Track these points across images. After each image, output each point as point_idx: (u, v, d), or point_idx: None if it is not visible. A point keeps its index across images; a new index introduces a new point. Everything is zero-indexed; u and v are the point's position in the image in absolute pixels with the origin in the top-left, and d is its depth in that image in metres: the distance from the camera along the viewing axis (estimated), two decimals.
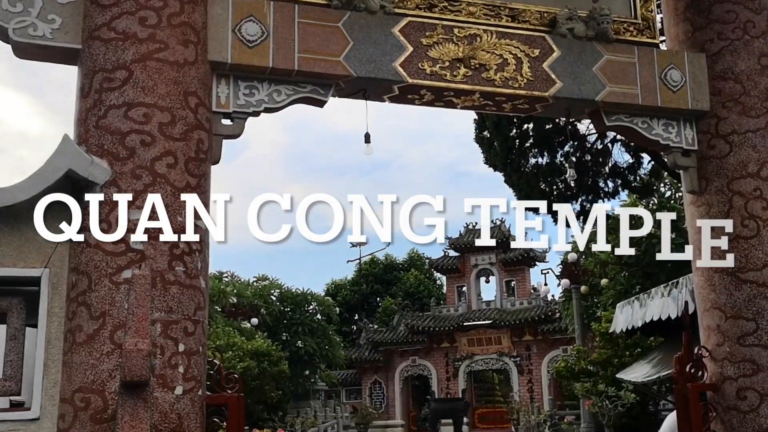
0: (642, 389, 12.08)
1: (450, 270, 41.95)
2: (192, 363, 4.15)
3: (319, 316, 32.78)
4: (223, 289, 26.79)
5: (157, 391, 3.96)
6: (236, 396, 4.57)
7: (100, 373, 3.90)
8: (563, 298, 25.70)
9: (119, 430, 3.35)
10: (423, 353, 40.78)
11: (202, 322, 4.31)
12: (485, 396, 45.37)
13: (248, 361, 16.62)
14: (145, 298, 3.67)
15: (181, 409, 4.03)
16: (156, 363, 3.98)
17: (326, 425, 29.70)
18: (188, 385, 4.10)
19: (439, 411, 30.45)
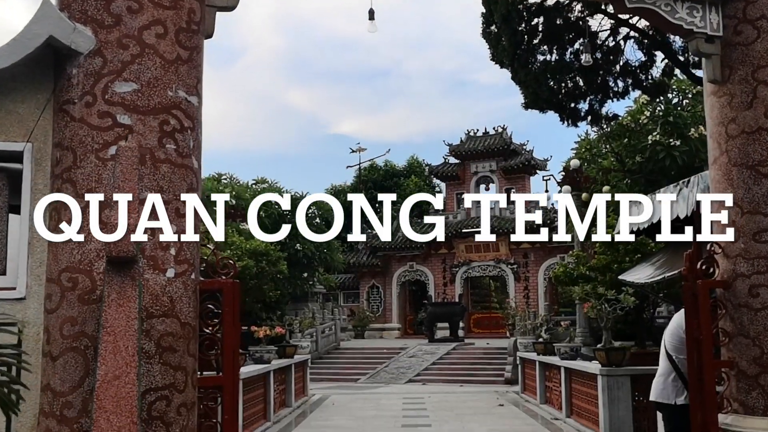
0: (644, 291, 12.01)
1: (450, 177, 41.81)
2: (184, 246, 3.95)
3: (318, 220, 32.70)
4: (222, 190, 26.60)
5: (148, 273, 3.77)
6: (231, 282, 4.39)
7: (87, 253, 3.70)
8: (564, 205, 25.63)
9: (106, 308, 3.16)
10: (421, 259, 41.12)
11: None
12: (481, 302, 46.05)
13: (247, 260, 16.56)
14: (132, 173, 3.43)
15: (173, 292, 3.85)
16: (146, 244, 3.78)
17: (324, 326, 30.11)
18: (180, 268, 3.91)
19: (436, 315, 30.79)
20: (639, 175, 19.80)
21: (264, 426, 13.36)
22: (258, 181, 32.41)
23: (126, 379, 3.08)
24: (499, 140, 40.79)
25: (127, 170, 3.40)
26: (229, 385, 4.28)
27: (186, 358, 3.88)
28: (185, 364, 3.88)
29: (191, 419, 3.91)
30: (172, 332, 3.83)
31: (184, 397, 3.85)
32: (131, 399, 3.06)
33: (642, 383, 11.24)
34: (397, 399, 18.77)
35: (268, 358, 14.10)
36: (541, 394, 16.46)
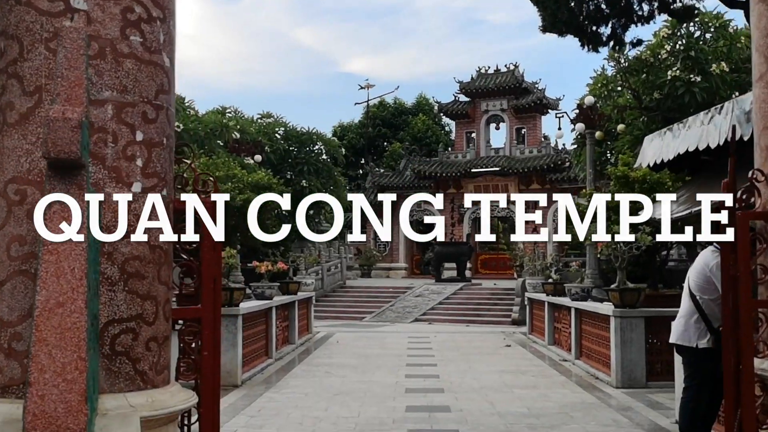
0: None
1: (459, 115, 41.00)
2: (153, 156, 3.39)
3: (324, 157, 32.10)
4: (226, 123, 25.96)
5: (110, 186, 3.23)
6: (210, 201, 3.85)
7: (37, 161, 3.16)
8: (576, 144, 24.91)
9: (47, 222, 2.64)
10: None
11: (167, 109, 3.50)
12: (488, 243, 45.67)
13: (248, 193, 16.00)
14: (79, 58, 2.86)
15: (140, 209, 3.32)
16: (107, 152, 3.24)
17: (330, 264, 29.79)
18: (149, 182, 3.36)
19: (443, 254, 30.41)
20: (656, 113, 19.06)
21: (266, 363, 13.03)
22: (263, 115, 31.70)
23: (72, 307, 2.57)
24: (510, 78, 39.84)
25: (73, 56, 2.83)
26: (209, 317, 3.77)
27: (156, 286, 3.37)
28: (155, 292, 3.36)
29: (163, 355, 3.42)
30: (139, 256, 3.30)
31: (154, 330, 3.34)
32: (78, 331, 2.55)
33: (655, 325, 10.82)
34: (402, 338, 18.46)
35: (270, 294, 13.70)
36: (549, 335, 16.08)
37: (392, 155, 47.69)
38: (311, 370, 12.62)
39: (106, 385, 3.19)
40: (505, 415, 8.58)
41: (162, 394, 3.34)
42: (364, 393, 10.21)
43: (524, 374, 12.11)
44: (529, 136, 39.48)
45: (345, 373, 12.26)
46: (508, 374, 12.07)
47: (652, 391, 10.24)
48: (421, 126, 50.08)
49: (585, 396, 10.04)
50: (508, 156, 39.06)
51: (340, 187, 32.04)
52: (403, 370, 12.58)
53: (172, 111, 3.62)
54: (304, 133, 31.21)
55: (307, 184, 29.15)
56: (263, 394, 10.19)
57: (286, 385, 11.01)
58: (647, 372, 10.65)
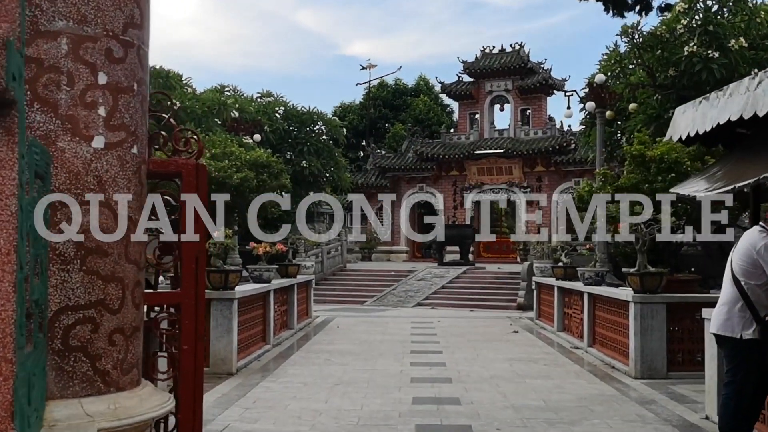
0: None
1: (463, 96, 40.23)
2: (121, 105, 2.73)
3: (325, 137, 31.39)
4: (224, 101, 25.23)
5: (63, 140, 2.58)
6: (193, 163, 3.18)
7: None
8: (585, 124, 24.22)
9: None
10: (431, 180, 39.97)
11: (138, 48, 2.84)
12: (492, 226, 45.03)
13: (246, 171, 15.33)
14: None
15: (103, 170, 2.67)
16: (60, 98, 2.58)
17: (330, 247, 29.16)
18: (114, 137, 2.71)
19: (446, 237, 29.72)
20: (670, 91, 18.34)
21: (263, 349, 12.42)
22: (263, 94, 30.96)
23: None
24: (515, 58, 39.04)
25: None
26: (189, 303, 3.11)
27: (122, 266, 2.72)
28: (121, 273, 2.71)
29: (131, 350, 2.77)
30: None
31: (119, 320, 2.70)
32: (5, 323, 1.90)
33: (677, 312, 10.20)
34: (405, 323, 17.86)
35: (268, 277, 13.06)
36: (558, 321, 15.47)
37: (394, 137, 46.97)
38: (310, 357, 12.01)
39: (57, 388, 2.55)
40: (521, 409, 7.96)
41: (129, 399, 2.69)
42: (367, 383, 9.59)
43: (536, 363, 11.49)
44: (534, 117, 38.74)
45: (346, 360, 11.64)
46: (519, 362, 11.45)
47: (673, 382, 9.64)
48: (422, 107, 49.31)
49: (603, 387, 9.42)
50: (513, 138, 38.36)
51: (341, 168, 31.36)
52: (408, 357, 11.97)
53: (145, 51, 2.95)
54: (305, 112, 30.49)
55: (307, 164, 28.48)
56: (259, 384, 9.57)
57: (284, 374, 10.39)
58: (668, 362, 10.04)
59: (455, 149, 38.79)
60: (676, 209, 10.22)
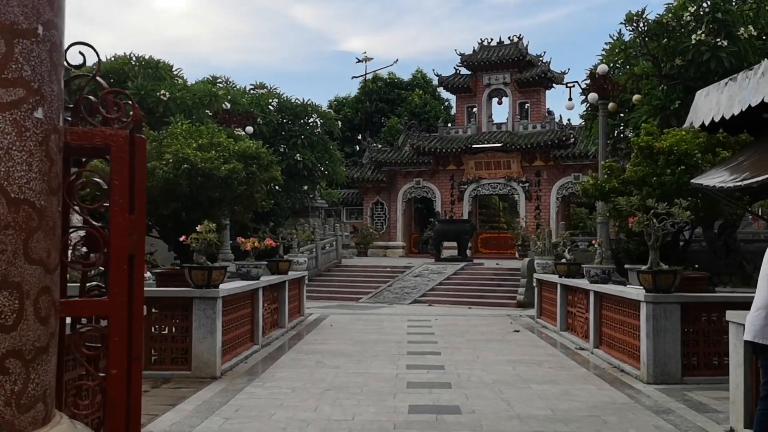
0: (722, 197, 10.12)
1: (460, 89, 39.49)
2: (17, 53, 2.04)
3: (320, 130, 30.65)
4: (215, 92, 24.47)
5: None
6: (124, 135, 2.48)
7: None
8: (586, 116, 23.55)
9: None
10: (428, 175, 39.28)
11: None
12: (489, 221, 44.38)
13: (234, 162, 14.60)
14: None
15: None
16: None
17: (325, 242, 28.47)
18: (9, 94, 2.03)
19: (444, 233, 29.06)
20: (677, 81, 17.68)
21: (251, 350, 11.74)
22: (256, 86, 30.20)
23: None
24: (514, 50, 38.32)
25: None
26: (120, 314, 2.41)
27: (19, 267, 2.04)
28: (18, 276, 2.03)
29: (36, 378, 2.08)
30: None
31: (14, 340, 2.02)
32: None
33: (692, 313, 9.55)
34: (401, 321, 17.18)
35: (257, 274, 12.37)
36: (561, 320, 14.80)
37: (390, 131, 46.26)
38: (301, 359, 11.32)
39: None
40: (527, 420, 7.28)
41: None
42: (360, 388, 8.91)
43: (540, 365, 10.81)
44: (533, 111, 38.01)
45: (339, 362, 10.96)
46: (522, 365, 10.77)
47: (689, 388, 8.98)
48: (418, 101, 48.60)
49: (614, 394, 8.75)
50: (511, 131, 37.66)
51: (336, 161, 30.61)
52: (404, 359, 11.29)
53: None
54: (299, 104, 29.72)
55: (301, 158, 27.74)
56: (244, 389, 8.88)
57: (272, 377, 9.71)
58: (683, 367, 9.37)
59: (452, 143, 38.10)
60: (689, 203, 9.53)
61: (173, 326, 9.70)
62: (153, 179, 13.89)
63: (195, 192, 14.63)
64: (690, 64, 17.15)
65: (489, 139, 37.68)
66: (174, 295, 9.65)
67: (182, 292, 9.61)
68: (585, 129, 23.93)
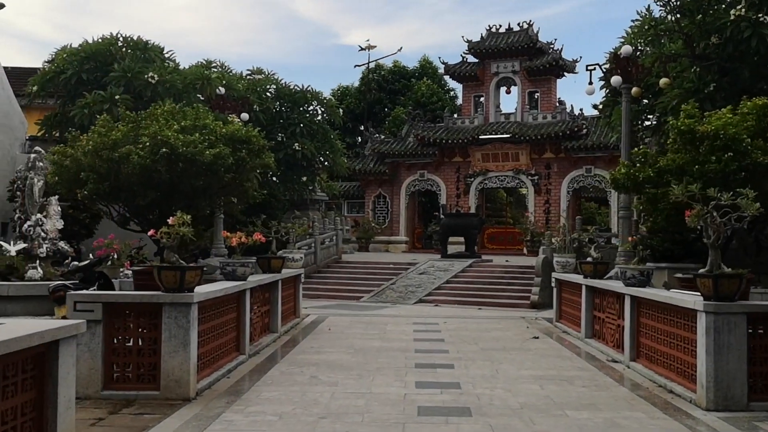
0: None
1: (467, 77, 37.87)
2: None
3: (320, 118, 29.04)
4: (208, 74, 22.85)
5: None
6: None
7: None
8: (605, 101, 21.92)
9: None
10: (432, 167, 37.72)
11: None
12: (495, 216, 42.78)
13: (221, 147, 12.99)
14: None
15: None
16: None
17: (324, 236, 26.89)
18: None
19: (450, 227, 27.44)
20: (712, 62, 16.05)
21: (235, 361, 10.17)
22: (253, 71, 28.55)
23: None
24: (523, 37, 36.68)
25: None
26: None
27: None
28: None
29: None
30: None
31: None
32: None
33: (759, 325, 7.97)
34: (406, 324, 15.63)
35: (243, 273, 10.78)
36: (586, 326, 13.22)
37: (394, 121, 44.65)
38: (293, 373, 9.76)
39: None
40: None
41: None
42: (362, 415, 7.35)
43: (571, 383, 9.24)
44: (543, 100, 36.41)
45: (336, 377, 9.40)
46: (550, 383, 9.21)
47: (757, 416, 7.43)
48: (425, 90, 46.94)
49: (670, 424, 7.18)
50: (520, 122, 36.07)
51: (337, 151, 29.00)
52: (412, 374, 9.72)
53: None
54: (298, 91, 28.09)
55: (299, 147, 26.13)
56: (221, 415, 7.31)
57: (257, 399, 8.14)
58: (750, 389, 7.78)
59: (459, 134, 36.51)
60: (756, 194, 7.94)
61: (139, 337, 8.12)
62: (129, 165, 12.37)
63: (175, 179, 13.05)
64: (727, 43, 15.53)
65: (497, 130, 36.10)
66: (138, 300, 8.07)
67: (148, 296, 8.04)
68: (603, 117, 22.27)
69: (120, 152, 13.00)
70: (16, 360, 4.48)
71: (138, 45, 23.30)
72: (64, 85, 22.68)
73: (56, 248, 16.99)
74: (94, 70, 22.62)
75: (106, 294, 8.44)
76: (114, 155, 13.11)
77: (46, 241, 16.82)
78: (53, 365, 4.87)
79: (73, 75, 22.36)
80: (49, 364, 4.85)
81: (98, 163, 13.32)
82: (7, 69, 24.45)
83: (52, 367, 4.86)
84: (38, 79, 23.23)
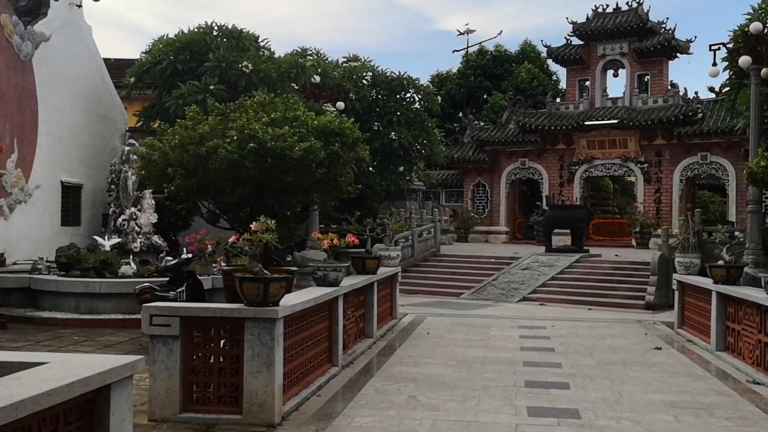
0: None
1: (572, 61, 36.01)
2: None
3: (417, 106, 28.04)
4: (302, 63, 22.18)
5: None
6: None
7: None
8: (728, 83, 20.05)
9: None
10: (534, 155, 36.14)
11: None
12: (600, 205, 40.78)
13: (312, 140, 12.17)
14: None
15: None
16: None
17: (422, 228, 25.93)
18: None
19: (555, 219, 25.98)
20: None
21: (327, 375, 9.34)
22: (349, 59, 27.80)
23: None
24: (633, 17, 34.53)
25: None
26: None
27: None
28: None
29: None
30: None
31: None
32: None
33: None
34: (510, 328, 14.50)
35: (335, 278, 9.93)
36: (717, 337, 11.76)
37: (493, 107, 43.18)
38: (389, 391, 8.83)
39: None
40: None
41: None
42: None
43: (711, 414, 7.94)
44: (654, 83, 34.20)
45: (437, 399, 8.42)
46: (686, 413, 7.94)
47: None
48: (525, 75, 45.21)
49: None
50: (628, 107, 34.02)
51: (435, 140, 27.94)
52: (522, 396, 8.63)
53: None
54: (395, 78, 27.17)
55: (396, 136, 25.23)
56: None
57: (348, 427, 7.25)
58: None
59: (562, 120, 34.78)
60: None
61: (220, 354, 7.36)
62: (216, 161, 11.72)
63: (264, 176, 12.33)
64: None
65: (603, 116, 34.20)
66: (219, 314, 7.30)
67: (229, 310, 7.26)
68: (727, 100, 20.38)
69: (207, 146, 12.40)
70: (55, 413, 3.70)
71: (233, 34, 22.88)
72: (160, 75, 22.52)
73: (150, 242, 16.68)
74: (189, 60, 22.35)
75: (184, 307, 7.71)
76: (201, 150, 12.52)
77: (140, 236, 16.52)
78: (104, 414, 4.08)
79: (168, 65, 22.15)
80: (98, 413, 4.06)
81: (185, 157, 12.77)
82: (109, 61, 24.54)
83: (103, 416, 4.07)
84: (135, 70, 23.17)
